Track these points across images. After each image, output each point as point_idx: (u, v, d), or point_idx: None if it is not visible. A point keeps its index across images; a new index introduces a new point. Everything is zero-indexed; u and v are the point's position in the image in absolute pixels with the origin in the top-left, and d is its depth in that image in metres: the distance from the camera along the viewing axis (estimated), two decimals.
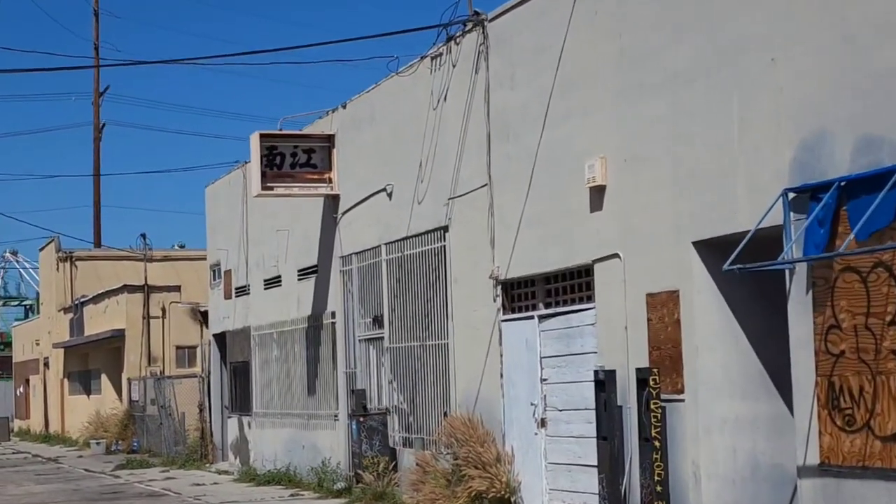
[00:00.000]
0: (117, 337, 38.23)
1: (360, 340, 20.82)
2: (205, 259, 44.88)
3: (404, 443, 19.33)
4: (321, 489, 20.32)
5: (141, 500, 21.64)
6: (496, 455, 16.13)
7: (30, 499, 22.62)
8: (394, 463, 19.12)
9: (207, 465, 28.19)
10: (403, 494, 17.88)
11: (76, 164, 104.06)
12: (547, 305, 15.70)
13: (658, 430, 12.85)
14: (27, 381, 57.28)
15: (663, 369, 13.01)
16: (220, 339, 28.66)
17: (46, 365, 51.48)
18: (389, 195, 19.65)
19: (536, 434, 15.63)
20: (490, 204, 16.57)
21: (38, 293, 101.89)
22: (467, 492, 16.07)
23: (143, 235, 38.78)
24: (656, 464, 12.81)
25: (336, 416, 21.67)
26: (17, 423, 55.45)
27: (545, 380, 15.55)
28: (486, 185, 16.67)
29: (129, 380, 37.44)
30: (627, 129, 13.72)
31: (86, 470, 29.83)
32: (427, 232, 18.41)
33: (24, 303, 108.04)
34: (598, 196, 14.22)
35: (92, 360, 43.31)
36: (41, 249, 52.27)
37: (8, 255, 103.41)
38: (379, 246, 19.97)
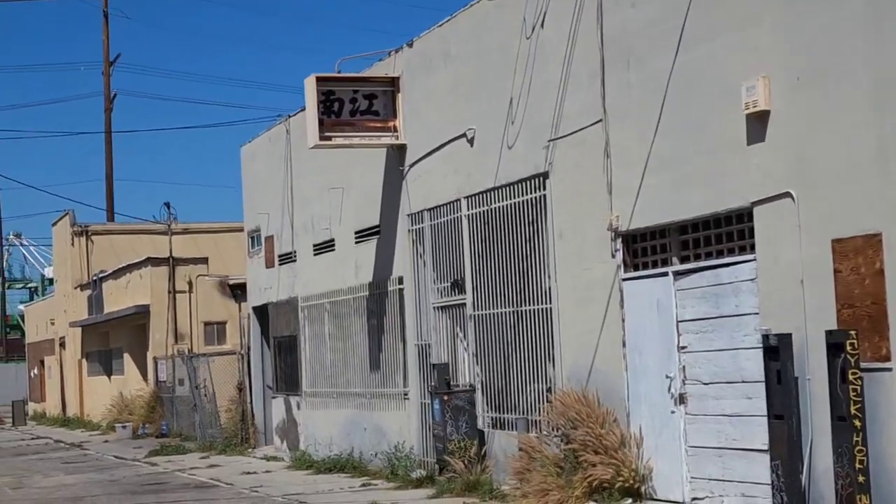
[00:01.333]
0: (141, 313, 35.79)
1: (434, 308, 18.38)
2: (229, 231, 42.81)
3: (493, 423, 16.91)
4: (395, 478, 17.91)
5: (189, 492, 19.25)
6: (620, 437, 13.72)
7: (63, 491, 20.26)
8: (482, 447, 16.72)
9: (249, 449, 25.80)
10: (503, 484, 15.47)
11: (87, 137, 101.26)
12: (683, 260, 13.25)
13: (858, 406, 10.41)
14: (41, 362, 54.92)
15: (860, 332, 10.56)
16: (261, 312, 26.24)
17: (62, 345, 49.11)
18: (470, 141, 17.19)
19: (673, 412, 13.20)
20: (606, 143, 14.10)
21: (42, 275, 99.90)
22: (587, 481, 13.69)
23: (168, 204, 36.41)
24: (857, 448, 10.38)
25: (406, 394, 19.25)
26: (31, 407, 53.09)
27: (684, 348, 13.10)
28: (599, 121, 14.21)
29: (154, 359, 35.02)
30: (802, 39, 11.24)
31: (116, 457, 27.46)
32: (521, 181, 15.95)
33: (29, 285, 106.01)
34: (758, 125, 11.76)
35: (113, 338, 40.91)
36: (54, 224, 49.81)
37: (12, 237, 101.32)
38: (458, 200, 17.51)
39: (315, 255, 22.83)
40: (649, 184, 13.38)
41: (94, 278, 41.95)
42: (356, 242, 21.00)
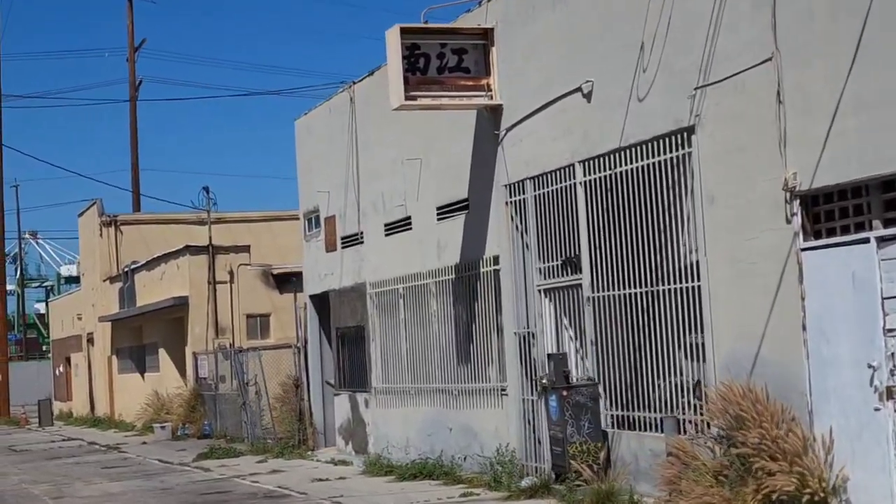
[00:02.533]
0: (179, 306, 33.46)
1: (539, 291, 16.01)
2: (266, 221, 40.53)
3: (618, 423, 14.52)
4: (499, 486, 15.51)
5: (259, 502, 16.91)
6: (802, 441, 11.32)
7: (111, 501, 17.96)
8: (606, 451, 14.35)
9: (308, 452, 23.45)
10: (646, 496, 13.09)
11: (113, 126, 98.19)
12: (888, 223, 10.83)
13: None
14: (68, 359, 52.70)
15: None
16: (320, 301, 23.90)
17: (90, 341, 46.85)
18: (587, 96, 14.79)
19: (878, 410, 10.79)
20: (778, 86, 11.68)
21: (58, 273, 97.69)
22: (762, 492, 11.30)
23: (207, 189, 34.01)
24: None
25: (503, 389, 16.88)
26: (57, 406, 50.77)
27: (892, 331, 10.69)
28: (769, 59, 11.79)
29: (194, 354, 32.69)
30: None
31: (160, 461, 25.14)
32: (655, 138, 13.56)
33: (45, 284, 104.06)
34: None
35: (147, 333, 38.60)
36: (80, 215, 47.53)
37: (27, 235, 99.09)
38: (570, 165, 15.12)
39: (387, 235, 20.46)
40: (841, 131, 10.97)
41: (126, 269, 39.68)
42: (439, 220, 18.63)
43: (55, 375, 55.35)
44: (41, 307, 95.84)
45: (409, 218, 19.62)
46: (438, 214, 18.62)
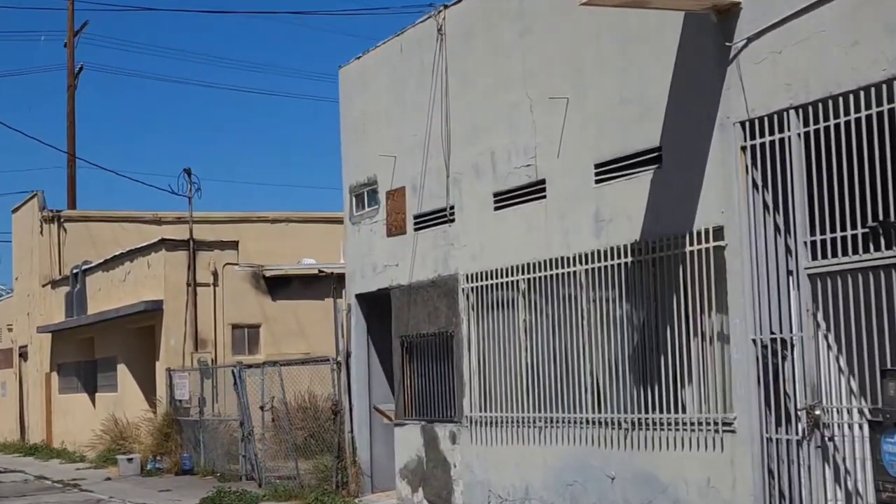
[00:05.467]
0: (150, 312, 27.52)
1: (809, 275, 10.66)
2: (253, 222, 34.75)
3: None
4: None
5: None
6: None
7: None
8: None
9: (354, 500, 17.84)
10: None
11: (48, 117, 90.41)
12: None
13: None
14: None
15: None
16: (370, 302, 18.41)
17: (23, 356, 40.55)
18: None
19: None
20: None
21: None
22: None
23: (188, 171, 28.09)
24: None
25: (726, 423, 11.50)
26: None
27: None
28: None
29: (169, 371, 26.76)
30: None
31: None
32: None
33: None
34: None
35: (101, 346, 32.49)
36: (15, 210, 41.32)
37: None
38: (881, 84, 9.82)
39: (498, 208, 15.03)
40: None
41: (76, 271, 33.61)
42: (598, 182, 13.25)
43: None
44: None
45: (540, 183, 14.21)
46: (598, 174, 13.24)
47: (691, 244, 11.90)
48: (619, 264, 12.93)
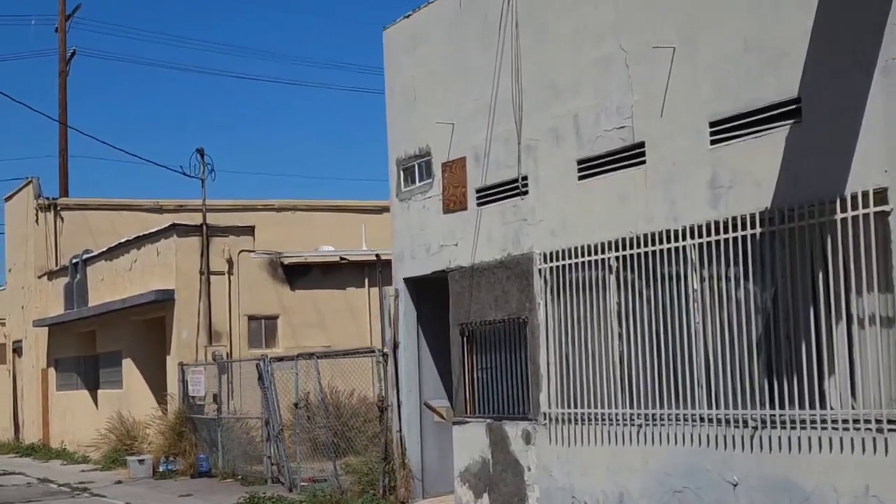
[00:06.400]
0: (160, 302, 25.60)
1: None
2: (271, 210, 32.98)
3: None
4: None
5: None
6: None
7: None
8: None
9: None
10: None
11: (39, 103, 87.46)
12: None
13: None
14: None
15: None
16: (421, 286, 16.62)
17: (17, 351, 38.58)
18: None
19: None
20: None
21: None
22: None
23: (201, 151, 26.18)
24: None
25: (895, 421, 9.74)
26: None
27: None
28: None
29: (181, 366, 24.87)
30: None
31: None
32: None
33: None
34: None
35: (104, 339, 30.55)
36: (8, 199, 39.34)
37: None
38: None
39: (583, 176, 13.25)
40: None
41: (75, 261, 31.70)
42: (714, 142, 11.49)
43: None
44: None
45: (637, 147, 12.45)
46: (714, 134, 11.48)
47: (843, 210, 10.14)
48: (741, 237, 11.17)
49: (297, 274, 26.24)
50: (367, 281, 26.70)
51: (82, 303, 30.95)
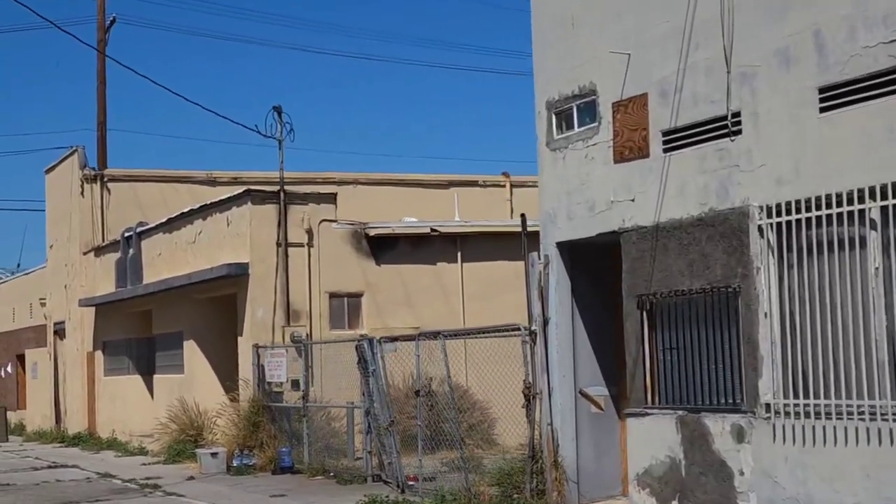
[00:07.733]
0: (233, 277, 22.92)
1: None
2: (350, 184, 30.47)
3: None
4: None
5: None
6: None
7: None
8: None
9: None
10: None
11: (77, 72, 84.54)
12: None
13: None
14: (20, 357, 41.85)
15: None
16: (581, 253, 13.96)
17: (59, 334, 36.08)
18: None
19: None
20: None
21: None
22: None
23: (278, 110, 23.48)
24: None
25: None
26: None
27: None
28: None
29: (257, 348, 22.27)
30: None
31: None
32: None
33: None
34: None
35: (161, 320, 27.97)
36: (48, 171, 36.84)
37: None
38: None
39: (826, 108, 10.57)
40: None
41: (128, 235, 29.14)
42: None
43: None
44: None
45: None
46: None
47: None
48: None
49: (383, 247, 23.59)
50: (459, 255, 24.06)
51: (136, 280, 28.40)
